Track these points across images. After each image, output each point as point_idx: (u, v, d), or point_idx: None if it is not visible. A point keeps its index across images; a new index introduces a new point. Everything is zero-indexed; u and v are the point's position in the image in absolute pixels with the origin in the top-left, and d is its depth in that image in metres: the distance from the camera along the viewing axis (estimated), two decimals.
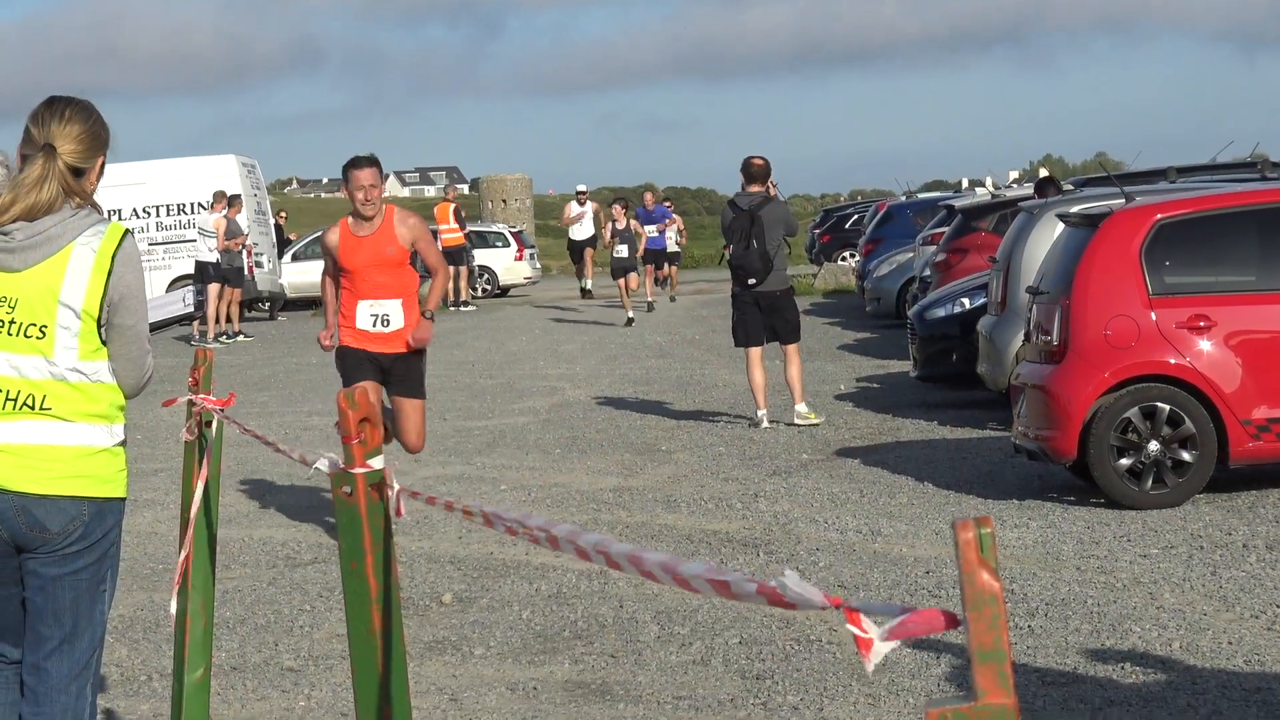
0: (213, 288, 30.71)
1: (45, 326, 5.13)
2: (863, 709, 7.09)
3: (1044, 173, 31.96)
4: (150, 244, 38.63)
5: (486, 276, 45.29)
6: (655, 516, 11.85)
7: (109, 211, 36.68)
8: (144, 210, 38.96)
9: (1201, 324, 11.39)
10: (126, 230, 5.26)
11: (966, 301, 17.64)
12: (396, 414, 11.28)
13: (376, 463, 4.15)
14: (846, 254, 46.28)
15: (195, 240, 32.70)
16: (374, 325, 11.17)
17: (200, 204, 36.60)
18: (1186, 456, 11.28)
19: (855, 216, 48.79)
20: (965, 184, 56.73)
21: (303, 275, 43.34)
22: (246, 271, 32.10)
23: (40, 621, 5.22)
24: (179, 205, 38.83)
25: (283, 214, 45.94)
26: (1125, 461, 11.30)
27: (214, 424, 6.18)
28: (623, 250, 32.42)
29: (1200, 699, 6.96)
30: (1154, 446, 11.28)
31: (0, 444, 5.13)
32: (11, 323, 5.13)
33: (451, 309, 36.34)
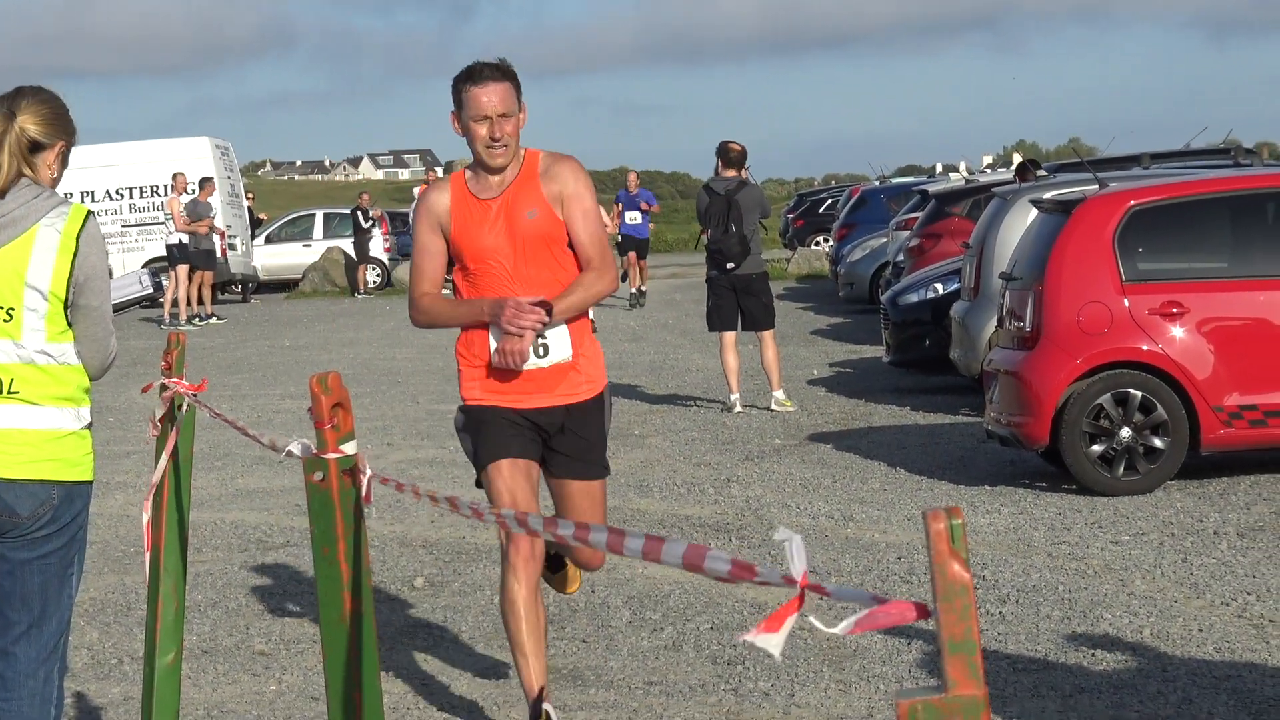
0: (181, 269, 30.61)
1: (13, 309, 5.10)
2: (834, 695, 7.09)
3: (1017, 158, 31.98)
4: (124, 226, 38.58)
5: None
6: (628, 501, 11.84)
7: (82, 193, 36.85)
8: (117, 192, 38.89)
9: (1174, 311, 11.41)
10: (89, 211, 5.24)
11: (940, 287, 17.66)
12: (560, 504, 6.75)
13: (349, 448, 4.13)
14: (820, 239, 46.34)
15: (165, 223, 32.63)
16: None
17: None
18: (1158, 443, 11.30)
19: (829, 201, 48.89)
20: (939, 169, 56.88)
21: (275, 258, 43.31)
22: (219, 254, 32.00)
23: (8, 606, 5.19)
24: (152, 187, 38.75)
25: (250, 194, 45.87)
26: (1097, 448, 11.32)
27: (184, 407, 6.16)
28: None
29: (1170, 686, 6.98)
30: (1126, 433, 11.30)
31: None
32: None
33: None
